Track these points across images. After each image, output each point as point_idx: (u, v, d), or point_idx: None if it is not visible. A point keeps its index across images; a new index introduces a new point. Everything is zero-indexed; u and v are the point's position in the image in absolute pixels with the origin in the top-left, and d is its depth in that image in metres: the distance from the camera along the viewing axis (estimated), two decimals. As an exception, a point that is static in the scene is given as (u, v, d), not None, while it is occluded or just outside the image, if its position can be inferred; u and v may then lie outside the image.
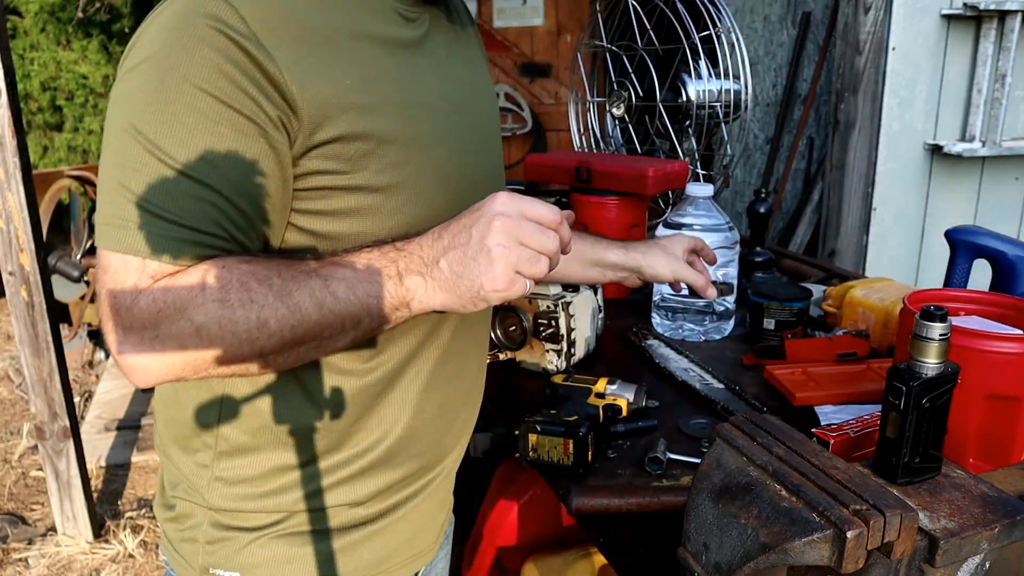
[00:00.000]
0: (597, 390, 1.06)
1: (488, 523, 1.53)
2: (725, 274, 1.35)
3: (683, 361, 1.25)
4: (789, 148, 3.26)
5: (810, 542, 0.52)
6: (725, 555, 0.56)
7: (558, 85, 4.68)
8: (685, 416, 1.07)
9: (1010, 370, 0.80)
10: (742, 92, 1.73)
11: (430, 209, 0.76)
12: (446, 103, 0.81)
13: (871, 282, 1.36)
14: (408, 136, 0.74)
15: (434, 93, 0.80)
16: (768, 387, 1.15)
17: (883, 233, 2.82)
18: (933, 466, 0.62)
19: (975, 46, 2.66)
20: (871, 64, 2.67)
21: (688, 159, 1.74)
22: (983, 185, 2.84)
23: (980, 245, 1.17)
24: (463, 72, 0.87)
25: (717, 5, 1.69)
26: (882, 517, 0.51)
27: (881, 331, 1.25)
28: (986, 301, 0.94)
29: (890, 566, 0.55)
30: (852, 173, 2.79)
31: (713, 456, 0.62)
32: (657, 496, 0.87)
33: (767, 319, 1.31)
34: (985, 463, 0.83)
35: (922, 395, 0.59)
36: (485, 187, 0.82)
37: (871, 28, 2.64)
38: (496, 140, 0.94)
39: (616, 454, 0.98)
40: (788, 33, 3.29)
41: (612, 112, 1.88)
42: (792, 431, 0.62)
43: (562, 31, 4.61)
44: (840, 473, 0.56)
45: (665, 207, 1.89)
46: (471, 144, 0.85)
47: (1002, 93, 2.63)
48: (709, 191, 1.34)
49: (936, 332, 0.59)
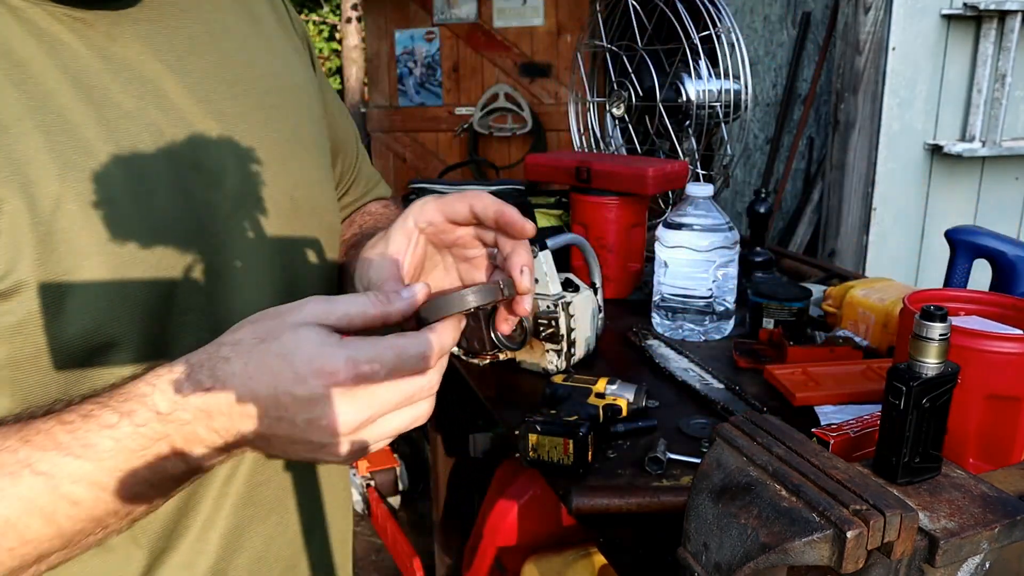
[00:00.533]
0: (597, 390, 1.06)
1: (488, 523, 1.53)
2: (725, 274, 1.35)
3: (683, 361, 1.25)
4: (789, 148, 3.26)
5: (810, 542, 0.52)
6: (725, 555, 0.56)
7: (558, 85, 4.68)
8: (685, 416, 1.07)
9: (1010, 370, 0.80)
10: (742, 92, 1.73)
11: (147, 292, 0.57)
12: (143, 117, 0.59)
13: (871, 282, 1.36)
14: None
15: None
16: (768, 387, 1.15)
17: (883, 233, 2.82)
18: (933, 466, 0.62)
19: (975, 46, 2.66)
20: (871, 64, 2.67)
21: (688, 159, 1.74)
22: (983, 185, 2.84)
23: (980, 245, 1.17)
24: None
25: (717, 5, 1.69)
26: (882, 517, 0.51)
27: (881, 331, 1.25)
28: (986, 301, 0.94)
29: (890, 566, 0.55)
30: (852, 173, 2.79)
31: (713, 456, 0.62)
32: (657, 496, 0.87)
33: (767, 319, 1.31)
34: (985, 463, 0.83)
35: (922, 395, 0.59)
36: (248, 204, 0.64)
37: (871, 28, 2.64)
38: (293, 140, 0.71)
39: (616, 454, 0.98)
40: (788, 33, 3.29)
41: (612, 112, 1.88)
42: (792, 431, 0.62)
43: (562, 31, 4.61)
44: (840, 473, 0.56)
45: (665, 207, 1.89)
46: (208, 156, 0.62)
47: (1002, 93, 2.63)
48: (709, 191, 1.34)
49: (936, 332, 0.59)
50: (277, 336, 0.49)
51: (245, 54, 0.68)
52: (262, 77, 0.69)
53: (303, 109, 0.74)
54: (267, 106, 0.68)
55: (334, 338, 0.49)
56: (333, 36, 7.97)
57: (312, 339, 0.48)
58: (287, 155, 0.69)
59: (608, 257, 1.54)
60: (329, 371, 0.48)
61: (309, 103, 0.76)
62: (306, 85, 0.76)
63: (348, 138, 0.90)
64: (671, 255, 1.33)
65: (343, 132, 0.88)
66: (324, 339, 0.49)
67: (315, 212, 0.73)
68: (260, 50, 0.71)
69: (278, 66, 0.72)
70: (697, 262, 1.31)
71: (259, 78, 0.68)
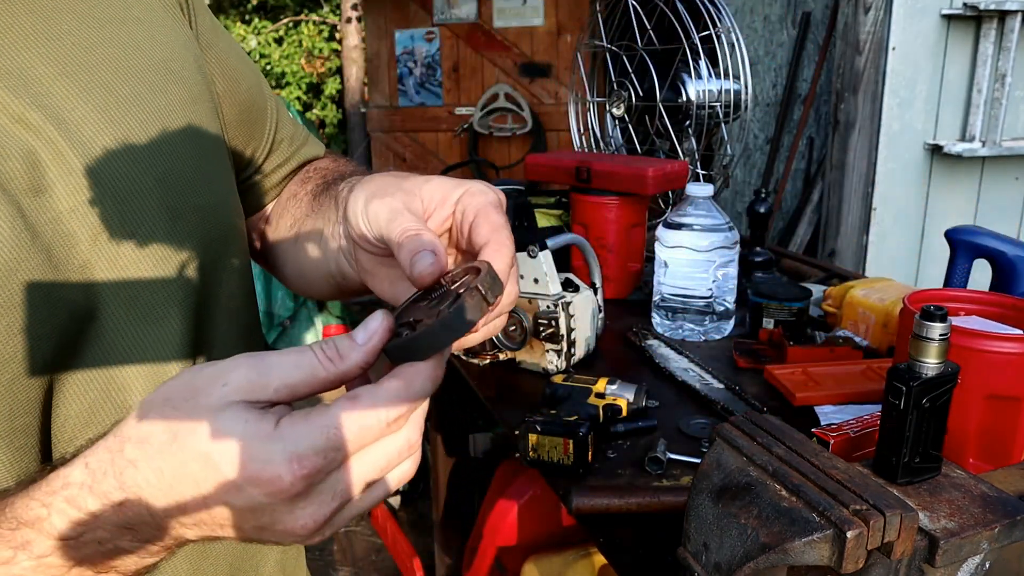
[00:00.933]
0: (597, 390, 1.06)
1: (488, 523, 1.53)
2: (725, 274, 1.35)
3: (683, 361, 1.25)
4: (789, 148, 3.26)
5: (810, 542, 0.52)
6: (725, 555, 0.56)
7: (558, 85, 4.68)
8: (685, 416, 1.07)
9: (1010, 370, 0.80)
10: (742, 92, 1.73)
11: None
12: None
13: (871, 282, 1.36)
14: None
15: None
16: (768, 387, 1.15)
17: (883, 233, 2.83)
18: (933, 466, 0.62)
19: (975, 46, 2.66)
20: (871, 64, 2.67)
21: (688, 159, 1.74)
22: (983, 185, 2.84)
23: (980, 245, 1.17)
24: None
25: (717, 5, 1.69)
26: (882, 517, 0.51)
27: (881, 331, 1.25)
28: (986, 301, 0.94)
29: (890, 566, 0.55)
30: (852, 173, 2.79)
31: (713, 456, 0.62)
32: (657, 496, 0.87)
33: (767, 319, 1.31)
34: (985, 463, 0.83)
35: (922, 395, 0.59)
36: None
37: (871, 28, 2.65)
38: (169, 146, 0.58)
39: (616, 454, 0.98)
40: (788, 33, 3.29)
41: (612, 112, 1.88)
42: (792, 431, 0.62)
43: (562, 31, 4.61)
44: (840, 473, 0.56)
45: (665, 207, 1.89)
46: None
47: (1002, 93, 2.63)
48: (709, 191, 1.34)
49: (936, 332, 0.59)
50: (193, 430, 0.38)
51: (85, 34, 0.55)
52: (113, 60, 0.55)
53: (174, 87, 0.60)
54: (122, 97, 0.55)
55: (267, 425, 0.38)
56: (333, 36, 7.97)
57: (238, 431, 0.38)
58: (156, 153, 0.56)
59: (608, 257, 1.54)
60: (268, 479, 0.38)
61: (184, 77, 0.61)
62: (177, 55, 0.62)
63: (255, 98, 0.74)
64: (671, 255, 1.33)
65: (246, 93, 0.73)
66: (255, 430, 0.38)
67: (207, 215, 0.60)
68: (108, 26, 0.56)
69: (138, 39, 0.58)
70: (697, 262, 1.32)
71: (106, 62, 0.55)
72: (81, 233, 0.50)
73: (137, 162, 0.54)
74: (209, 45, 0.68)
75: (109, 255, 0.52)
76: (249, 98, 0.73)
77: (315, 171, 0.79)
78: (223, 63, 0.70)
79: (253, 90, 0.74)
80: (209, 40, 0.69)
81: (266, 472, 0.37)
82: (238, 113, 0.71)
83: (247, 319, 0.68)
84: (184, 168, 0.58)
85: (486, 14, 4.66)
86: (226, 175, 0.66)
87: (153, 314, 0.55)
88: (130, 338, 0.53)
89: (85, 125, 0.52)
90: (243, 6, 8.22)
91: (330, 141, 8.05)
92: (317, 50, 7.96)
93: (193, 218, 0.58)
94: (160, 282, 0.55)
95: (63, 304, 0.49)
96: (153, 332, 0.55)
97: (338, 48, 7.62)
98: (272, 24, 8.03)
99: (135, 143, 0.54)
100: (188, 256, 0.58)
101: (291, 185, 0.80)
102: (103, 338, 0.52)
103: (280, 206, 0.79)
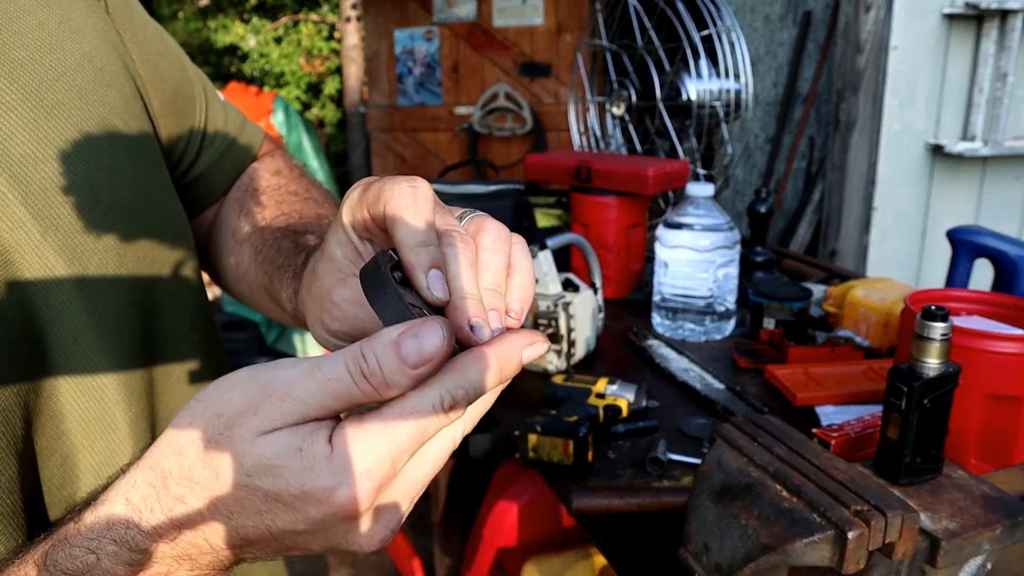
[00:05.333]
0: (597, 390, 1.06)
1: (488, 523, 1.53)
2: (726, 274, 1.34)
3: (683, 361, 1.25)
4: (790, 148, 3.25)
5: (811, 543, 0.51)
6: (726, 556, 0.56)
7: (558, 85, 4.68)
8: (685, 416, 1.07)
9: (1011, 370, 0.80)
10: (742, 91, 1.73)
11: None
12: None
13: (872, 282, 1.36)
14: None
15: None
16: (769, 387, 1.15)
17: (884, 233, 2.82)
18: (934, 466, 0.62)
19: (976, 45, 2.66)
20: (872, 63, 2.67)
21: (688, 159, 1.74)
22: (984, 185, 2.84)
23: (981, 245, 1.17)
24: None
25: (717, 4, 1.69)
26: (883, 518, 0.51)
27: (882, 331, 1.24)
28: (987, 301, 0.94)
29: (891, 567, 0.54)
30: (853, 173, 2.79)
31: (713, 456, 0.62)
32: (657, 497, 0.87)
33: (767, 319, 1.31)
34: (987, 463, 0.83)
35: (923, 395, 0.59)
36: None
37: (872, 27, 2.64)
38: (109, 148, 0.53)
39: (616, 454, 0.98)
40: (789, 32, 3.29)
41: (612, 112, 1.88)
42: (793, 431, 0.62)
43: (562, 30, 4.61)
44: (841, 473, 0.56)
45: (665, 207, 1.89)
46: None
47: (1003, 92, 2.63)
48: (709, 191, 1.34)
49: (937, 332, 0.59)
50: (241, 461, 0.35)
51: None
52: (31, 62, 0.49)
53: (101, 88, 0.53)
54: (47, 104, 0.49)
55: (321, 446, 0.35)
56: (332, 35, 7.97)
57: (295, 463, 0.35)
58: (91, 158, 0.51)
59: (608, 257, 1.53)
60: (340, 504, 0.35)
61: (114, 75, 0.55)
62: (100, 50, 0.55)
63: (180, 85, 0.67)
64: (671, 255, 1.33)
65: (170, 79, 0.65)
66: (311, 455, 0.35)
67: (151, 221, 0.56)
68: (22, 18, 0.49)
69: (57, 33, 0.51)
70: (697, 262, 1.31)
71: (25, 65, 0.48)
72: (23, 262, 0.46)
73: (76, 186, 0.49)
74: (124, 24, 0.60)
75: (51, 287, 0.48)
76: (174, 84, 0.66)
77: (256, 207, 0.70)
78: (142, 46, 0.62)
79: (178, 75, 0.66)
80: (123, 17, 0.60)
81: (337, 498, 0.35)
82: (162, 104, 0.64)
83: (201, 321, 0.65)
84: (127, 186, 0.53)
85: (486, 13, 4.66)
86: (166, 182, 0.61)
87: (103, 325, 0.51)
88: (84, 348, 0.50)
89: (11, 142, 0.46)
90: (242, 5, 8.22)
91: (330, 141, 8.05)
92: (316, 49, 7.96)
93: (146, 225, 0.55)
94: (108, 299, 0.51)
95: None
96: (107, 341, 0.51)
97: (337, 47, 7.62)
98: (271, 23, 8.02)
99: (68, 158, 0.49)
100: (136, 284, 0.54)
101: (232, 214, 0.72)
102: (50, 357, 0.48)
103: (222, 228, 0.71)
